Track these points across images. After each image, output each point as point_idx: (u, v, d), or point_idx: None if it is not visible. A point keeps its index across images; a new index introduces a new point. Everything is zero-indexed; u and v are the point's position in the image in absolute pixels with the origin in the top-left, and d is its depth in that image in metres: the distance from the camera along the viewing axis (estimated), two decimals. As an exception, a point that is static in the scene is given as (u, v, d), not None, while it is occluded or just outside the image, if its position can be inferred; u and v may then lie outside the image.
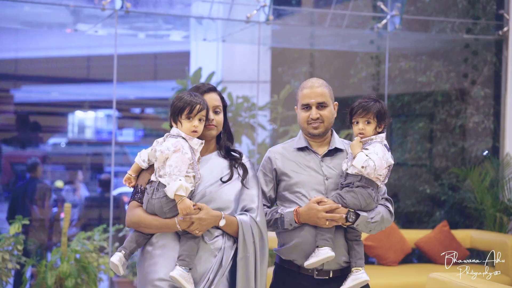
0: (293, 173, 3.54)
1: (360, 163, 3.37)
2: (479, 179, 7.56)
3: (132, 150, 12.48)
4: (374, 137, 3.47)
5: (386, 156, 3.42)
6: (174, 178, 3.08)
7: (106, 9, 6.64)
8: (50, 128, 12.02)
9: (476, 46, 8.26)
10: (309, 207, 3.40)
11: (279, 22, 8.03)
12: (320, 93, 3.53)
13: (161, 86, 12.40)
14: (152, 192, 3.18)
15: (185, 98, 3.23)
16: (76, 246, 6.18)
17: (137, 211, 3.24)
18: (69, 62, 12.04)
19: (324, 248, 3.36)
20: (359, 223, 3.40)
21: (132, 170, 3.33)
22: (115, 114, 7.63)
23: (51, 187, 8.71)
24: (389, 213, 3.54)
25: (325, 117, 3.53)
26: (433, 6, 8.61)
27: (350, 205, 3.40)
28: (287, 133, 9.07)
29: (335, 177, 3.51)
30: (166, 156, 3.13)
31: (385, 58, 8.13)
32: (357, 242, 3.48)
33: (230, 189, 3.32)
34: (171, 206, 3.14)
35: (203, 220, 3.14)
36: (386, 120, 3.51)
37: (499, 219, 7.39)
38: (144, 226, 3.21)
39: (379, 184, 3.47)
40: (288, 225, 3.47)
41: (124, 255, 3.18)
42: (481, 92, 8.27)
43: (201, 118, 3.24)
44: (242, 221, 3.27)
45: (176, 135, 3.21)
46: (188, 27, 8.34)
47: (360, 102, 3.50)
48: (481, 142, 8.30)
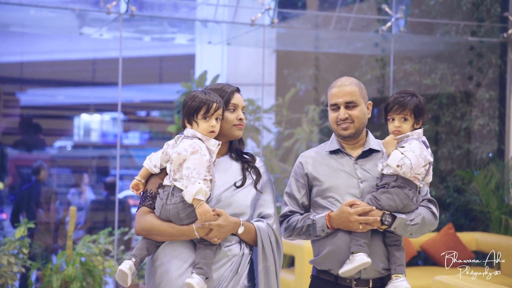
0: (325, 178, 3.34)
1: (395, 162, 3.14)
2: (485, 181, 7.55)
3: (138, 153, 12.50)
4: (410, 134, 3.24)
5: (423, 153, 3.19)
6: (192, 181, 2.89)
7: (111, 12, 6.66)
8: (56, 131, 12.05)
9: (481, 48, 8.26)
10: (341, 211, 3.20)
11: (284, 25, 8.04)
12: (349, 92, 3.33)
13: (166, 89, 12.41)
14: (167, 197, 2.99)
15: (200, 96, 3.02)
16: (81, 249, 6.20)
17: (149, 217, 3.04)
18: (74, 66, 12.07)
19: (359, 254, 3.14)
20: (396, 226, 3.17)
21: (140, 176, 3.13)
22: (120, 117, 7.65)
23: (56, 190, 8.74)
24: (432, 215, 3.28)
25: (355, 117, 3.32)
26: (438, 9, 8.61)
27: (385, 206, 3.17)
28: (292, 135, 9.07)
29: (371, 180, 3.29)
30: (183, 157, 2.93)
31: (390, 61, 8.13)
32: (397, 247, 3.24)
33: (246, 194, 3.14)
34: (189, 212, 2.95)
35: (222, 227, 2.96)
36: (424, 116, 3.26)
37: (504, 222, 7.38)
38: (157, 234, 3.01)
39: (418, 184, 3.23)
40: (320, 232, 3.26)
41: (134, 263, 2.99)
42: (486, 95, 8.26)
43: (217, 117, 3.04)
44: (260, 228, 3.11)
45: (191, 136, 3.01)
46: (193, 30, 8.35)
47: (395, 97, 3.27)
48: (486, 144, 8.29)
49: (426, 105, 3.26)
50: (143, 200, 3.10)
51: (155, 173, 3.11)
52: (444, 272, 6.56)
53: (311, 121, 9.07)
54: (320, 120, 9.16)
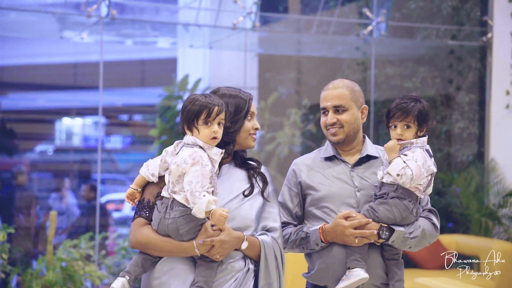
0: (320, 186, 3.16)
1: (396, 170, 2.96)
2: (465, 184, 7.60)
3: (120, 157, 12.45)
4: (415, 141, 3.05)
5: (427, 163, 3.01)
6: (198, 196, 2.64)
7: (91, 16, 6.64)
8: (37, 135, 11.98)
9: (461, 52, 8.32)
10: (335, 223, 3.03)
11: (266, 28, 8.05)
12: (337, 95, 3.15)
13: (148, 92, 12.38)
14: (165, 210, 2.74)
15: (200, 99, 2.77)
16: (62, 254, 6.17)
17: (145, 230, 2.80)
18: (55, 69, 12.01)
19: (356, 270, 2.98)
20: (395, 239, 3.01)
21: (136, 184, 2.88)
22: (102, 121, 7.63)
23: (37, 195, 8.69)
24: (432, 227, 3.13)
25: (344, 122, 3.14)
26: (418, 13, 8.67)
27: (383, 219, 3.00)
28: (274, 139, 9.08)
29: (369, 189, 3.11)
30: (183, 170, 2.69)
31: (371, 64, 8.17)
32: (395, 261, 3.09)
33: (251, 206, 2.91)
34: (189, 228, 2.72)
35: (225, 242, 2.73)
36: (429, 123, 3.09)
37: (484, 224, 7.43)
38: (153, 249, 2.77)
39: (419, 195, 3.06)
40: (314, 245, 3.09)
41: (128, 281, 2.74)
42: (466, 98, 8.32)
43: (220, 122, 2.79)
44: (264, 242, 2.87)
45: (192, 144, 2.76)
46: (175, 34, 8.35)
47: (398, 103, 3.07)
48: (466, 147, 8.35)
49: (430, 111, 3.10)
50: (139, 210, 2.87)
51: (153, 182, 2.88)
52: (424, 274, 6.59)
53: (293, 124, 9.08)
54: (302, 123, 9.18)
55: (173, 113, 8.12)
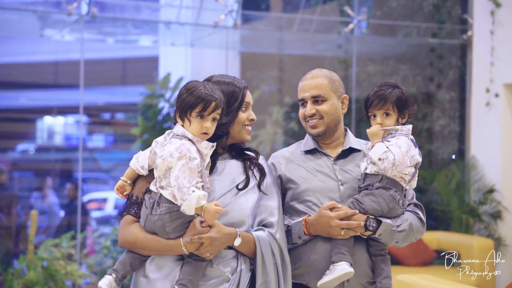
0: (301, 180, 2.98)
1: (378, 154, 2.81)
2: (446, 181, 7.65)
3: (103, 155, 12.41)
4: (400, 128, 2.91)
5: (411, 152, 2.85)
6: (186, 191, 2.47)
7: (72, 14, 6.61)
8: (18, 134, 11.91)
9: (442, 50, 8.37)
10: (320, 215, 2.84)
11: (247, 27, 8.06)
12: (316, 85, 3.00)
13: (130, 91, 12.35)
14: (152, 206, 2.59)
15: (199, 90, 2.59)
16: (43, 253, 6.14)
17: (133, 228, 2.66)
18: (36, 68, 11.94)
19: (341, 264, 2.79)
20: (382, 232, 2.85)
21: (126, 176, 2.73)
22: (83, 120, 7.60)
23: (18, 194, 8.64)
24: (419, 221, 2.96)
25: (324, 113, 2.98)
26: (399, 11, 8.71)
27: (369, 210, 2.83)
28: (256, 137, 9.09)
29: (352, 182, 2.96)
30: (169, 165, 2.53)
31: (353, 62, 8.20)
32: (382, 257, 2.94)
33: (246, 200, 2.73)
34: (175, 225, 2.57)
35: (215, 239, 2.57)
36: (410, 108, 2.93)
37: (465, 221, 7.48)
38: (141, 248, 2.64)
39: (405, 186, 2.90)
40: (296, 239, 2.90)
41: (115, 279, 2.62)
42: (447, 96, 8.38)
43: (215, 118, 2.62)
44: (259, 238, 2.69)
45: (181, 135, 2.60)
46: (156, 32, 8.32)
47: (375, 91, 2.93)
48: (447, 144, 8.41)
49: (410, 96, 2.95)
50: (128, 207, 2.73)
51: (142, 175, 2.72)
52: (406, 271, 6.63)
53: (275, 122, 9.09)
54: (284, 121, 9.20)
55: (155, 111, 8.09)
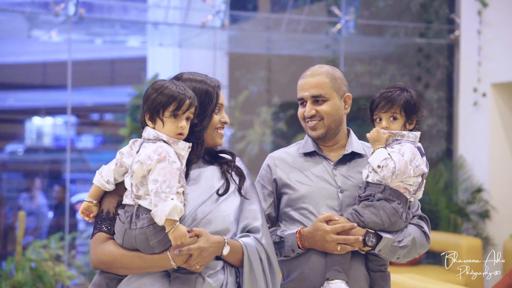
0: (297, 184, 2.78)
1: (377, 161, 2.61)
2: (434, 181, 7.67)
3: (92, 156, 12.39)
4: (406, 134, 2.69)
5: (416, 161, 2.64)
6: (163, 197, 2.25)
7: (59, 15, 6.59)
8: (6, 135, 11.88)
9: (429, 50, 8.40)
10: (315, 228, 2.65)
11: (235, 27, 8.06)
12: (316, 84, 2.79)
13: (118, 91, 12.34)
14: (130, 220, 2.35)
15: (170, 88, 2.38)
16: (31, 254, 6.12)
17: (108, 246, 2.39)
18: (24, 69, 11.92)
19: (336, 282, 2.61)
20: (382, 247, 2.64)
21: (91, 196, 2.46)
22: (71, 120, 7.58)
23: (6, 195, 8.61)
24: (423, 236, 2.74)
25: (324, 114, 2.77)
26: (387, 11, 8.73)
27: (369, 223, 2.64)
28: (244, 137, 9.10)
29: (353, 189, 2.75)
30: (148, 168, 2.30)
31: (340, 62, 8.22)
32: (381, 274, 2.71)
33: (228, 206, 2.50)
34: (161, 238, 2.32)
35: (205, 250, 2.34)
36: (419, 114, 2.73)
37: (453, 220, 7.51)
38: (121, 267, 2.37)
39: (409, 198, 2.69)
40: (289, 252, 2.71)
41: None
42: (435, 95, 8.41)
43: (188, 117, 2.42)
44: (247, 245, 2.48)
45: (154, 138, 2.38)
46: (144, 32, 8.32)
47: (382, 92, 2.75)
48: (435, 144, 8.44)
49: (420, 101, 2.76)
50: (99, 223, 2.46)
51: (110, 190, 2.48)
52: (394, 271, 6.63)
53: (264, 123, 9.10)
54: (272, 121, 9.21)
55: (143, 112, 8.09)
